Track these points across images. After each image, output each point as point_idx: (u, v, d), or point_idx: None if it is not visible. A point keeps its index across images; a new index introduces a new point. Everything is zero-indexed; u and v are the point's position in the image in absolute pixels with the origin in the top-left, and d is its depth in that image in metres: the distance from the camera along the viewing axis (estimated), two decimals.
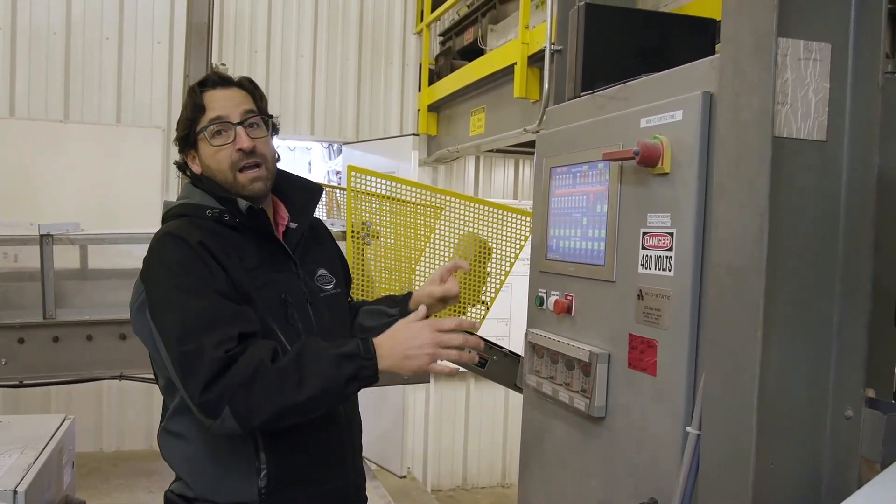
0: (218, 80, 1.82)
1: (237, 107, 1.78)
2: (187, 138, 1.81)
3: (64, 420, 2.39)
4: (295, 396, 1.54)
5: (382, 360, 1.59)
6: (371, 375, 1.60)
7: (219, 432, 1.59)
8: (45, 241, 3.17)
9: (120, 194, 5.58)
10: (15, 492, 1.83)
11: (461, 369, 1.93)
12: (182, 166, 1.88)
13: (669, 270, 1.74)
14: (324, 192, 4.07)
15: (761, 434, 1.46)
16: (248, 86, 1.85)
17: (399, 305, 2.08)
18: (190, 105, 1.80)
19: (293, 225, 1.89)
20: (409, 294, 2.12)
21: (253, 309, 1.68)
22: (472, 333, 1.71)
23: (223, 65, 4.41)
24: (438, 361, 1.64)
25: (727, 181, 1.54)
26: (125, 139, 5.84)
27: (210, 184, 1.80)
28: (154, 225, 1.93)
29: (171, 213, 1.81)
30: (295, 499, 1.76)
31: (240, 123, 1.77)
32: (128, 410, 5.84)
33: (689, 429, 1.64)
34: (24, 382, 3.28)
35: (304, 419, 1.64)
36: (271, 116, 1.88)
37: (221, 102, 1.78)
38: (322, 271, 1.92)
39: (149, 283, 1.68)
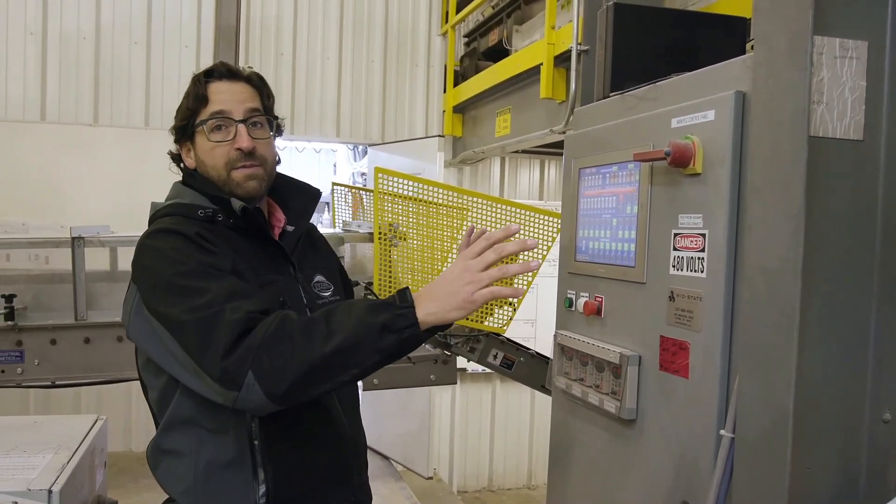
0: (225, 71, 1.72)
1: (241, 103, 1.68)
2: (185, 129, 1.71)
3: (96, 421, 2.42)
4: (324, 347, 1.38)
5: (422, 305, 1.42)
6: (410, 326, 1.41)
7: (244, 407, 1.44)
8: (77, 243, 3.21)
9: (148, 197, 5.53)
10: (50, 491, 1.85)
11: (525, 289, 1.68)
12: (177, 157, 1.79)
13: (702, 272, 1.72)
14: (348, 192, 4.06)
15: (797, 437, 1.44)
16: (256, 82, 1.76)
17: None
18: (192, 94, 1.70)
19: (289, 228, 1.80)
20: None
21: None
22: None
23: (250, 68, 4.42)
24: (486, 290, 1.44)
25: (761, 181, 1.52)
26: (153, 142, 5.86)
27: (202, 181, 1.71)
28: None
29: (160, 213, 1.71)
30: None
31: (242, 121, 1.67)
32: None
33: (722, 432, 1.62)
34: (57, 383, 3.32)
35: (337, 385, 1.45)
36: (276, 118, 1.79)
37: (226, 96, 1.68)
38: (319, 277, 1.84)
39: (142, 281, 1.57)
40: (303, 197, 1.86)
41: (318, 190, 1.92)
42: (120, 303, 3.36)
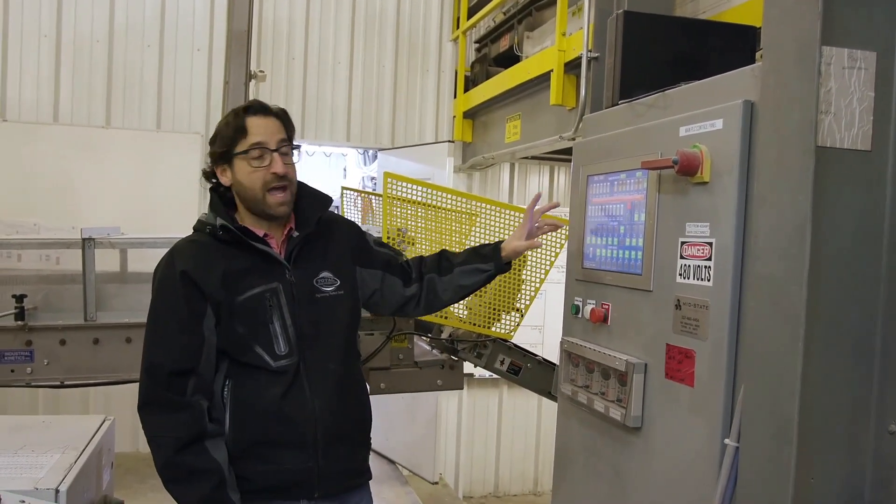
0: (259, 108, 2.04)
1: (274, 135, 2.01)
2: (225, 155, 2.02)
3: (104, 421, 2.43)
4: (161, 472, 1.90)
5: None
6: None
7: None
8: (87, 244, 3.23)
9: (159, 199, 5.65)
10: (57, 490, 1.86)
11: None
12: (210, 174, 2.09)
13: (708, 280, 1.73)
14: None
15: (801, 448, 1.44)
16: (282, 116, 2.07)
17: (492, 260, 2.29)
18: (233, 126, 2.01)
19: (295, 234, 2.07)
20: (498, 245, 2.30)
21: (232, 314, 1.95)
22: None
23: (262, 72, 4.45)
24: None
25: (768, 191, 1.52)
26: (165, 145, 5.93)
27: (217, 202, 2.05)
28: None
29: (194, 227, 2.09)
30: (252, 470, 1.96)
31: (275, 150, 2.00)
32: None
33: (727, 441, 1.62)
34: (65, 383, 3.33)
35: None
36: (297, 146, 2.12)
37: (262, 129, 2.00)
38: (325, 274, 2.09)
39: (152, 290, 2.03)
40: (312, 203, 2.13)
41: (329, 197, 2.19)
42: (129, 304, 3.39)
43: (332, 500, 2.06)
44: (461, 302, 3.24)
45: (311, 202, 2.13)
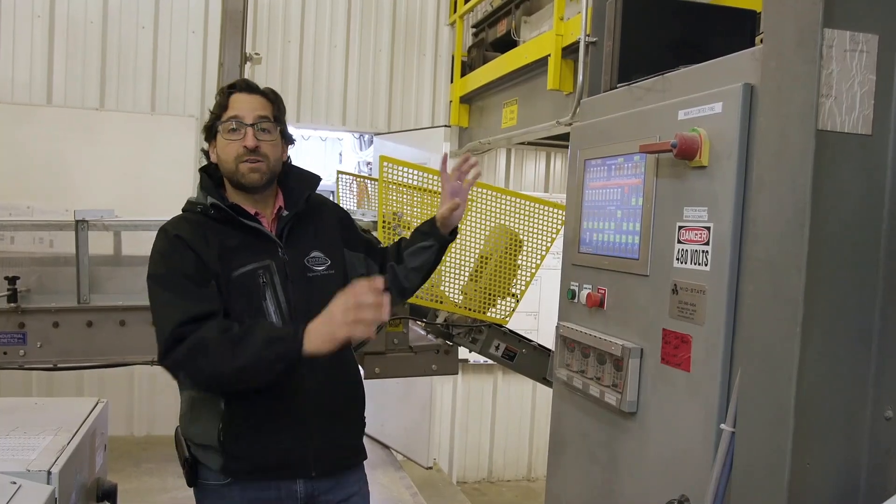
0: (245, 86, 2.10)
1: (253, 111, 2.03)
2: (211, 129, 2.08)
3: (97, 403, 2.41)
4: (226, 365, 1.82)
5: (310, 343, 1.79)
6: (296, 358, 1.82)
7: (186, 387, 2.03)
8: (81, 227, 3.21)
9: (153, 182, 5.63)
10: (49, 472, 1.85)
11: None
12: (206, 153, 2.15)
13: (706, 265, 1.72)
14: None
15: (798, 433, 1.43)
16: (270, 96, 2.11)
17: (431, 235, 2.31)
18: (218, 102, 2.08)
19: (285, 213, 2.10)
20: (433, 220, 2.32)
21: (228, 290, 1.96)
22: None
23: (257, 54, 4.42)
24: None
25: (768, 175, 1.51)
26: (159, 127, 5.90)
27: (208, 182, 2.09)
28: None
29: (184, 207, 2.14)
30: (248, 449, 1.99)
31: (251, 125, 2.02)
32: (158, 396, 5.90)
33: (723, 426, 1.62)
34: (59, 366, 3.32)
35: (252, 385, 1.90)
36: (284, 125, 2.12)
37: (241, 105, 2.04)
38: (316, 253, 2.11)
39: (149, 263, 2.05)
40: (299, 182, 2.17)
41: (317, 176, 2.23)
42: (123, 287, 3.38)
43: (328, 479, 2.07)
44: (456, 287, 3.24)
45: (298, 181, 2.16)
